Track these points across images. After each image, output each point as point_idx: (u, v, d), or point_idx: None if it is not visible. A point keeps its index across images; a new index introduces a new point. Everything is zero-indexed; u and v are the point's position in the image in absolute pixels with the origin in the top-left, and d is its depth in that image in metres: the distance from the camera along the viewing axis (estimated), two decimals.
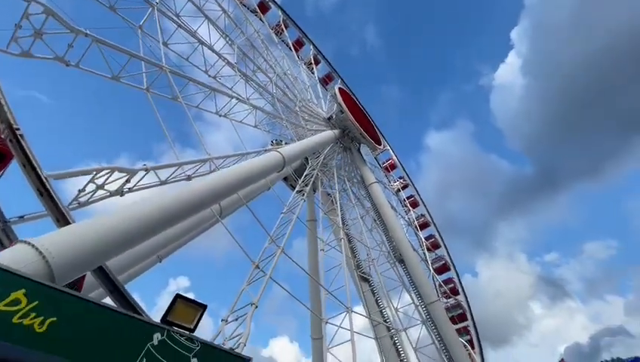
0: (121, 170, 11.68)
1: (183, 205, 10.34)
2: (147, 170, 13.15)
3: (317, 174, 27.02)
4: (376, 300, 29.51)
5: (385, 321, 27.95)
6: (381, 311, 28.90)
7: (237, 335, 12.23)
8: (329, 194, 31.62)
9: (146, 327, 5.26)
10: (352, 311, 18.60)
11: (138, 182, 13.03)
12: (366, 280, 30.60)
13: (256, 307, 13.89)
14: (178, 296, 5.87)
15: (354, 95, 41.30)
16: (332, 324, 17.89)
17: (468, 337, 35.33)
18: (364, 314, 25.65)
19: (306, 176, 26.28)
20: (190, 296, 6.41)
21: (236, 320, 13.21)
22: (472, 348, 34.16)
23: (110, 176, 11.25)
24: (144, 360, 4.74)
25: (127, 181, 12.15)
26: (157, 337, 5.09)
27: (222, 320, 14.13)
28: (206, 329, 21.90)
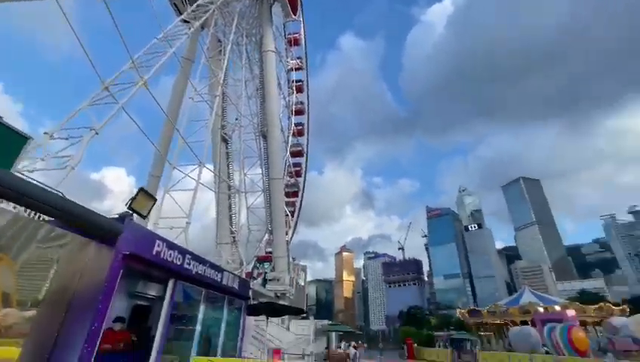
0: None
1: None
2: None
3: (214, 10, 22.60)
4: (229, 163, 30.96)
5: (230, 181, 30.33)
6: (230, 173, 30.87)
7: (66, 156, 10.92)
8: (219, 41, 27.62)
9: None
10: (204, 166, 19.12)
11: None
12: (225, 141, 31.03)
13: (97, 133, 12.38)
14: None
15: None
16: (180, 171, 18.17)
17: (292, 209, 43.36)
18: (214, 170, 26.81)
19: (199, 5, 21.61)
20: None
21: (67, 139, 11.55)
22: (292, 217, 42.47)
23: None
24: None
25: None
26: None
27: (45, 133, 12.06)
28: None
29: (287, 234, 33.76)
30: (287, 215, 39.79)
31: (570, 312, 22.12)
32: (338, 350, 28.32)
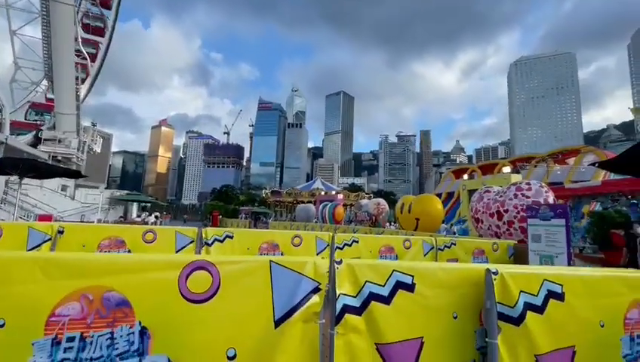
0: None
1: None
2: None
3: None
4: None
5: None
6: None
7: None
8: None
9: None
10: None
11: None
12: None
13: None
14: None
15: None
16: None
17: (93, 51, 33.20)
18: None
19: None
20: None
21: None
22: (92, 63, 32.80)
23: None
24: None
25: None
26: None
27: None
28: None
29: (79, 84, 26.22)
30: (86, 58, 30.47)
31: (340, 196, 29.72)
32: (136, 219, 27.47)
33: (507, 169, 16.88)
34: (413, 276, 1.82)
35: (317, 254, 5.37)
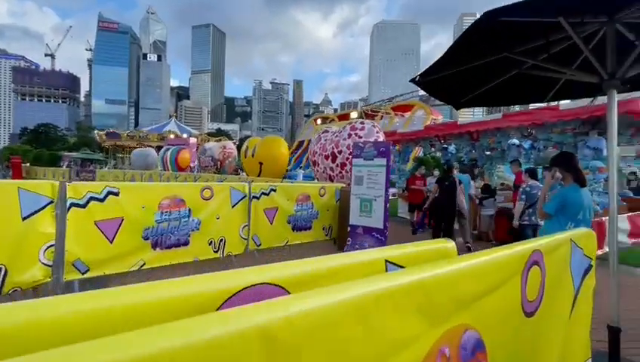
0: None
1: None
2: None
3: None
4: None
5: None
6: None
7: None
8: None
9: None
10: None
11: None
12: None
13: None
14: None
15: None
16: None
17: None
18: None
19: None
20: None
21: None
22: None
23: None
24: None
25: None
26: None
27: None
28: None
29: None
30: None
31: (193, 140, 25.83)
32: None
33: (354, 114, 17.64)
34: None
35: (233, 207, 4.99)
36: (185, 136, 28.61)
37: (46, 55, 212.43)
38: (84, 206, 3.74)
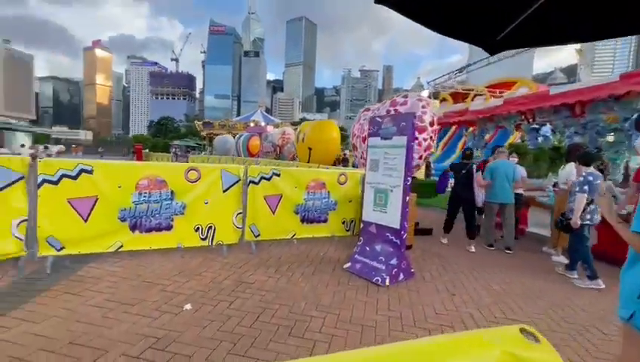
0: None
1: None
2: None
3: None
4: None
5: None
6: None
7: None
8: None
9: None
10: None
11: None
12: None
13: None
14: None
15: None
16: None
17: None
18: None
19: None
20: None
21: None
22: None
23: None
24: None
25: None
26: None
27: None
28: None
29: None
30: None
31: (270, 128, 26.89)
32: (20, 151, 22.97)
33: (425, 93, 15.01)
34: None
35: (224, 191, 4.61)
36: (263, 124, 30.10)
37: (172, 60, 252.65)
38: (56, 183, 3.69)
